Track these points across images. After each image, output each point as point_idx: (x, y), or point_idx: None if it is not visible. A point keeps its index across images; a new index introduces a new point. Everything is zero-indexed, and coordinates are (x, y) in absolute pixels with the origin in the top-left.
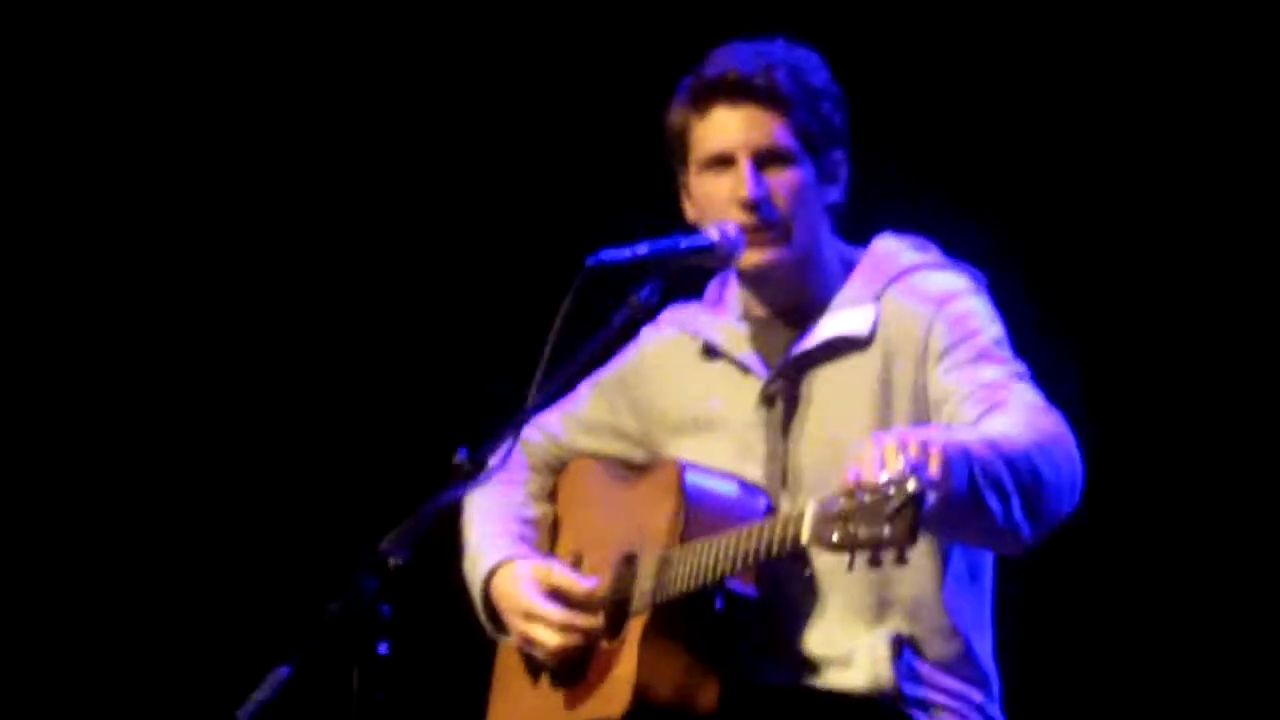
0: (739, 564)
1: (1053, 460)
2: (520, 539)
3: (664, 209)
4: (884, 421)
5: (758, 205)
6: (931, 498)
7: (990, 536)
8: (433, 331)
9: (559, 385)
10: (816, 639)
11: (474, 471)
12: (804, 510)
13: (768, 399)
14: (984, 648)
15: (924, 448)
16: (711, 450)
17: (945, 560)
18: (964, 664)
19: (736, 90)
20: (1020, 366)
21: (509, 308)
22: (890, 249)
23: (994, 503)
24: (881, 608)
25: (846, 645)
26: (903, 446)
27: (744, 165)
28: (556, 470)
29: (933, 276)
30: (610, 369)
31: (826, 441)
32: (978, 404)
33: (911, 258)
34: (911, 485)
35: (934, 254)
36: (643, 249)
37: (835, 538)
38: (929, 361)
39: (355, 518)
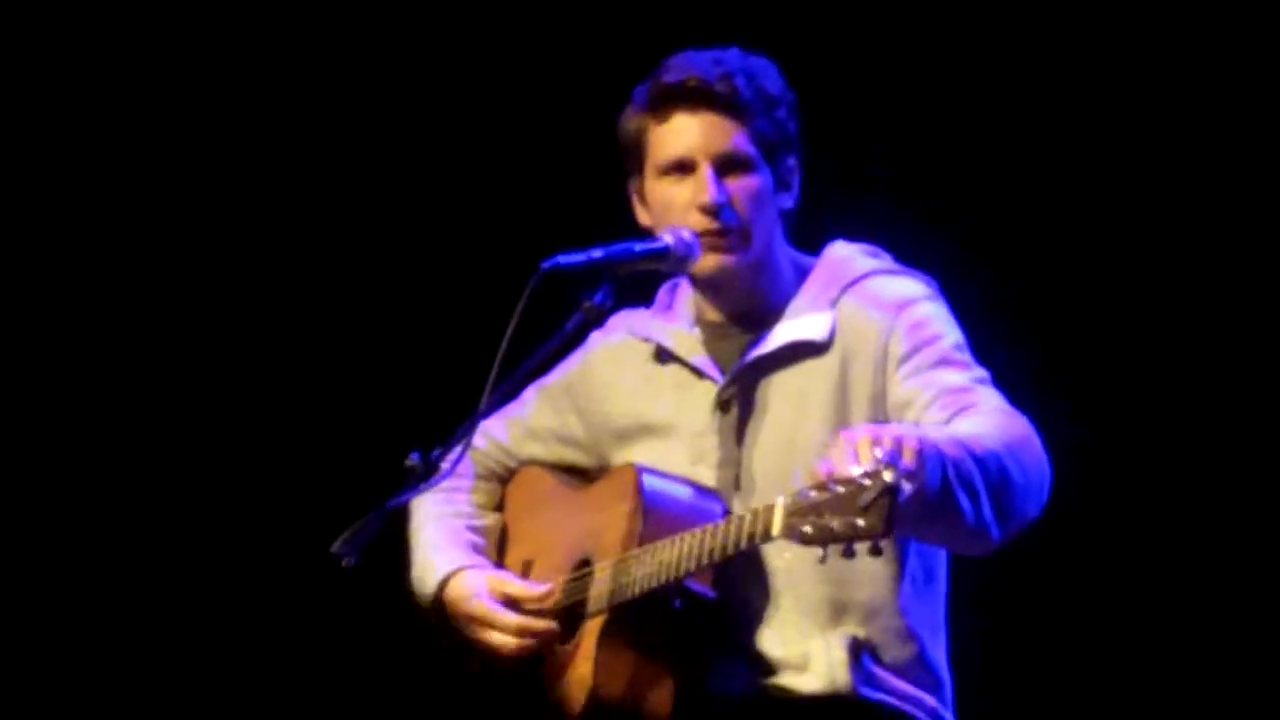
0: (703, 561)
1: (1021, 462)
2: (472, 548)
3: (617, 214)
4: (839, 426)
5: (719, 210)
6: (907, 488)
7: (959, 536)
8: (386, 334)
9: (512, 389)
10: (773, 641)
11: (426, 474)
12: (775, 503)
13: (722, 404)
14: (938, 651)
15: (897, 441)
16: (663, 456)
17: (901, 563)
18: (918, 667)
19: (697, 96)
20: (982, 371)
21: (463, 311)
22: (844, 255)
23: (965, 502)
24: (837, 610)
25: (803, 647)
26: (876, 441)
27: (705, 171)
28: (503, 478)
29: (889, 283)
30: (557, 374)
31: (782, 447)
32: (944, 408)
33: (866, 264)
34: (888, 475)
35: (887, 260)
36: (597, 253)
37: (808, 530)
38: (889, 367)
39: (308, 520)
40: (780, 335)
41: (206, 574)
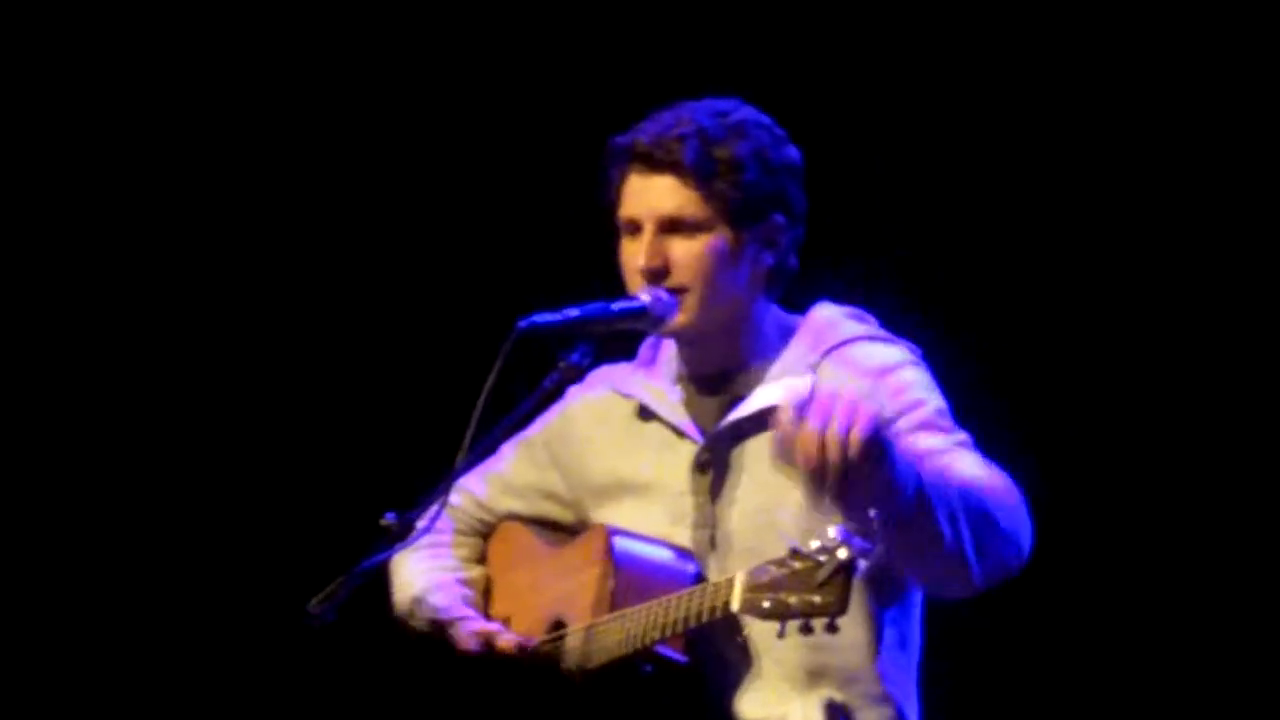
0: (668, 631)
1: (1003, 506)
2: (464, 601)
3: (598, 270)
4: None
5: (654, 273)
6: (863, 565)
7: (941, 561)
8: (363, 393)
9: (489, 448)
10: (751, 704)
11: (402, 533)
12: (734, 578)
13: (700, 465)
14: (913, 714)
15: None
16: (642, 515)
17: (879, 629)
18: None
19: (644, 159)
20: (963, 435)
21: (441, 370)
22: (828, 319)
23: (944, 522)
24: (816, 675)
25: (780, 710)
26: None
27: (647, 233)
28: (482, 533)
29: (871, 349)
30: (536, 428)
31: (759, 511)
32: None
33: (850, 329)
34: (843, 553)
35: (872, 325)
36: (574, 312)
37: (766, 605)
38: None
39: (282, 580)
40: (759, 398)
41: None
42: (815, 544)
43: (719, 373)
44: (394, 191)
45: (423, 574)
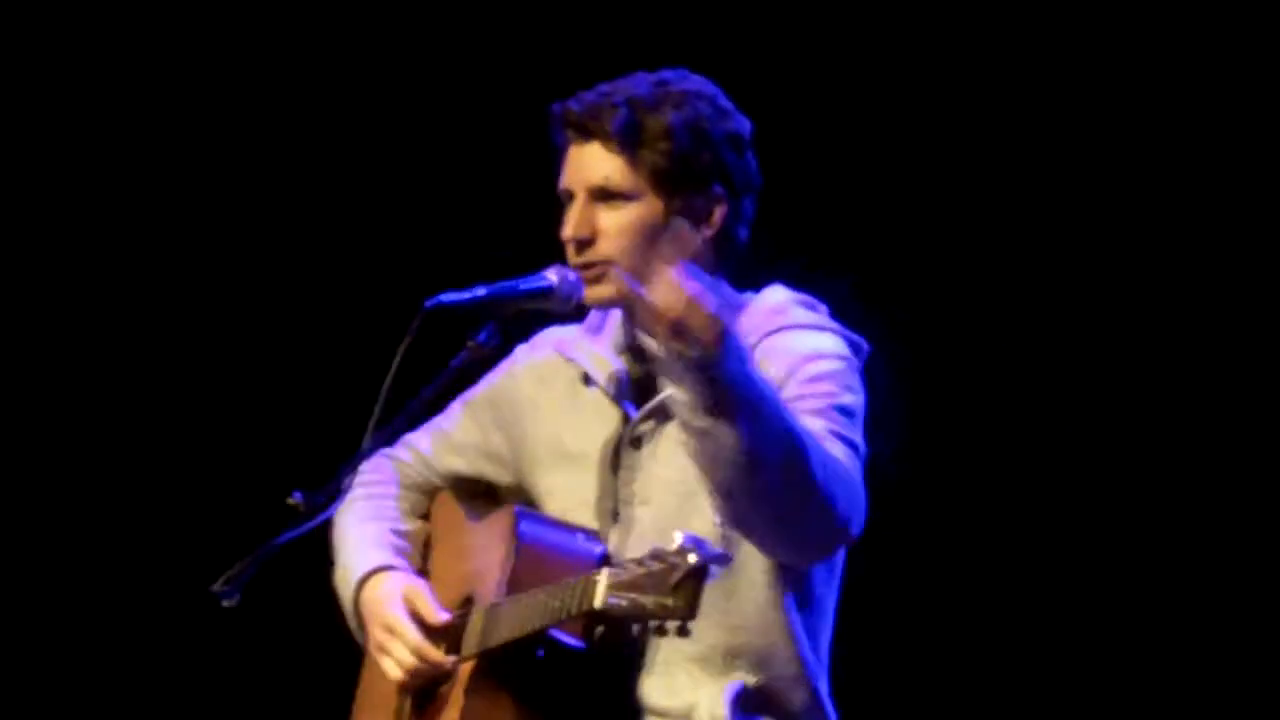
0: (549, 619)
1: (829, 472)
2: (396, 550)
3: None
4: None
5: (579, 243)
6: (716, 571)
7: (727, 461)
8: (271, 373)
9: (397, 427)
10: (659, 690)
11: (309, 514)
12: (598, 576)
13: (633, 440)
14: (825, 692)
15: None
16: (573, 483)
17: (793, 611)
18: (811, 713)
19: (575, 127)
20: (855, 437)
21: (349, 349)
22: (776, 303)
23: (745, 425)
24: (730, 658)
25: (689, 697)
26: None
27: (577, 203)
28: (428, 491)
29: (806, 337)
30: (481, 387)
31: (682, 492)
32: None
33: (794, 315)
34: (693, 558)
35: (821, 314)
36: (481, 291)
37: (625, 604)
38: None
39: (187, 560)
40: None
41: (87, 613)
42: (673, 546)
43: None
44: (304, 171)
45: (357, 523)
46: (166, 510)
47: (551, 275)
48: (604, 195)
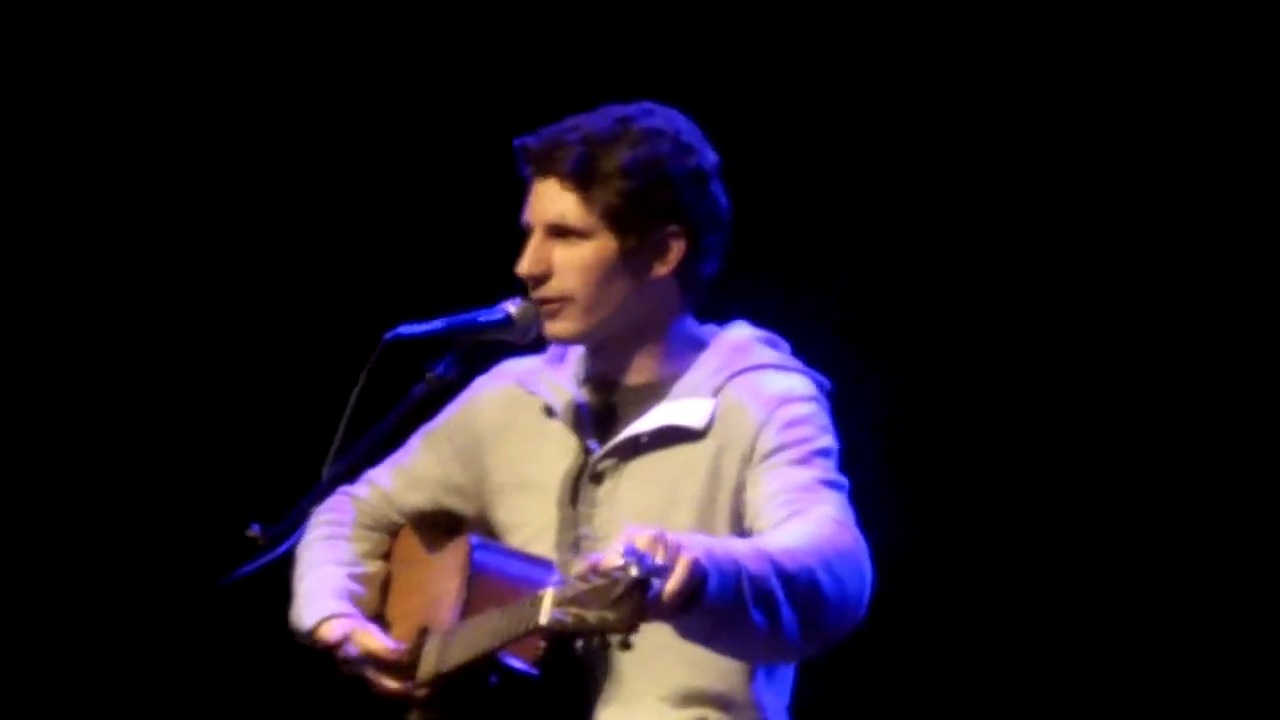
0: (499, 640)
1: (836, 575)
2: (348, 595)
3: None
4: (706, 515)
5: (532, 280)
6: (657, 584)
7: (756, 648)
8: (230, 405)
9: (355, 459)
10: None
11: (268, 546)
12: (545, 593)
13: (595, 475)
14: None
15: (656, 539)
16: (532, 516)
17: None
18: None
19: (534, 163)
20: (839, 478)
21: (309, 382)
22: (740, 341)
23: (759, 618)
24: (691, 697)
25: None
26: (652, 541)
27: (533, 238)
28: (390, 529)
29: (775, 378)
30: (441, 420)
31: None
32: (781, 508)
33: (760, 355)
34: (634, 571)
35: (784, 353)
36: (440, 323)
37: (569, 620)
38: (753, 461)
39: (150, 593)
40: (660, 415)
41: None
42: (615, 560)
43: (621, 382)
44: (263, 203)
45: (312, 567)
46: (123, 541)
47: (510, 307)
48: (559, 232)
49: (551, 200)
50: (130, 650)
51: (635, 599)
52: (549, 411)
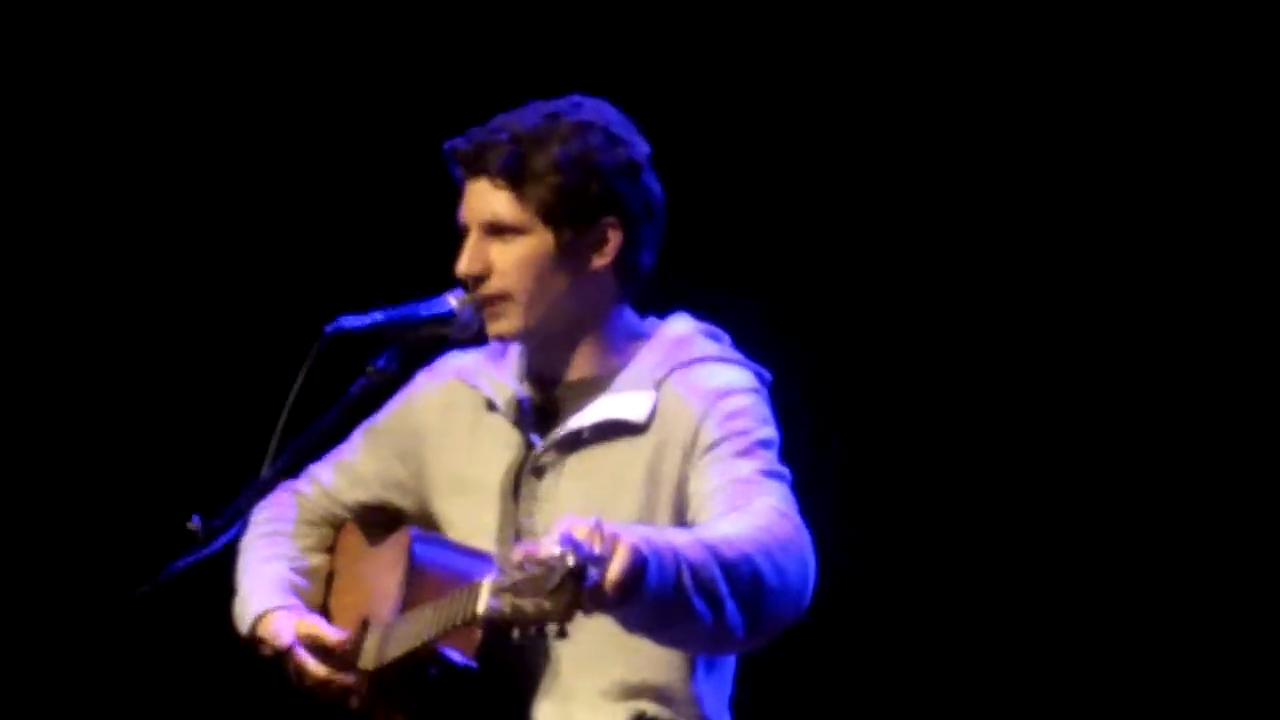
0: (437, 630)
1: (778, 565)
2: (291, 589)
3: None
4: (648, 509)
5: (470, 279)
6: (594, 573)
7: (700, 639)
8: (170, 398)
9: (297, 453)
10: (555, 716)
11: (209, 538)
12: (482, 583)
13: (536, 470)
14: None
15: (594, 529)
16: (474, 513)
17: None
18: None
19: (465, 164)
20: (780, 468)
21: (249, 374)
22: (681, 334)
23: (701, 607)
24: (630, 691)
25: None
26: (590, 530)
27: (470, 238)
28: (333, 523)
29: (716, 370)
30: (382, 415)
31: None
32: (722, 501)
33: (700, 347)
34: (570, 560)
35: (723, 346)
36: (380, 316)
37: (506, 610)
38: (695, 454)
39: (86, 585)
40: (600, 409)
41: None
42: (552, 550)
43: (562, 377)
44: (206, 194)
45: (255, 563)
46: (63, 532)
47: (452, 300)
48: (495, 230)
49: (485, 199)
50: (67, 644)
51: (571, 587)
52: (490, 406)
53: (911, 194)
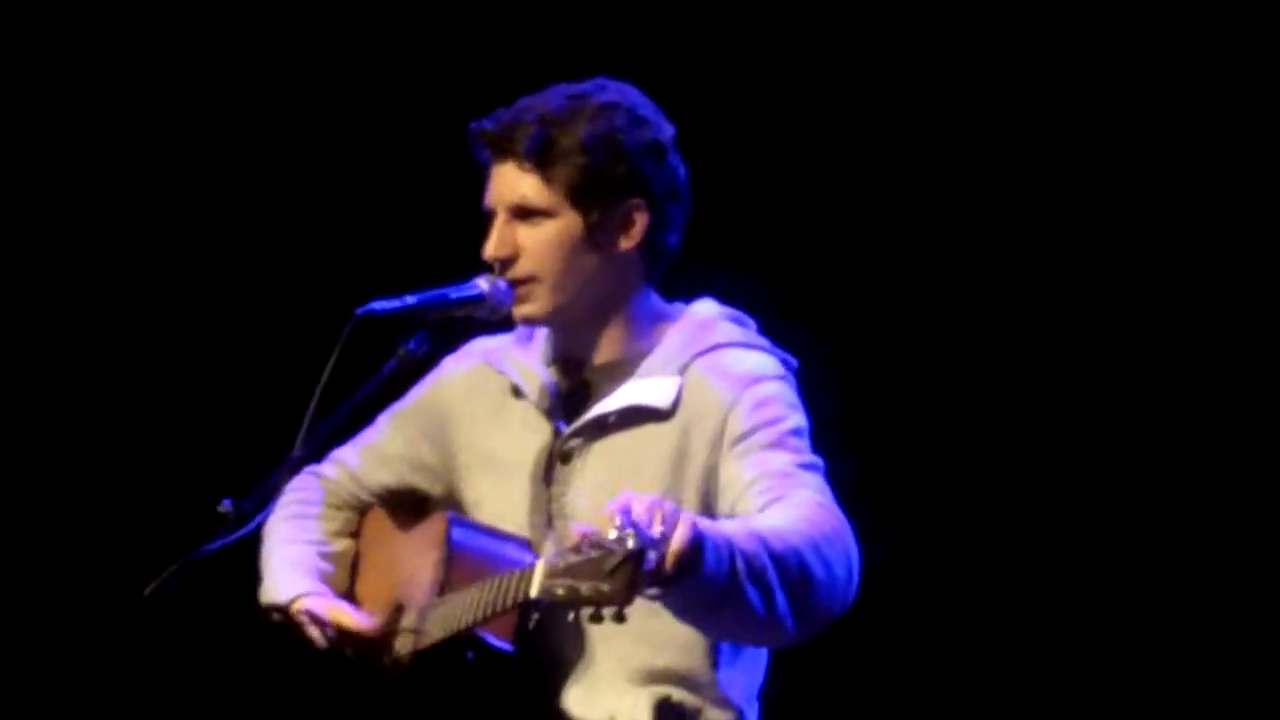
0: (481, 614)
1: (825, 558)
2: (319, 574)
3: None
4: (674, 494)
5: (500, 263)
6: (653, 556)
7: (751, 629)
8: (203, 380)
9: (327, 435)
10: (583, 701)
11: (239, 521)
12: (536, 564)
13: (563, 454)
14: (752, 716)
15: (653, 507)
16: (501, 495)
17: None
18: None
19: (491, 146)
20: (814, 459)
21: (281, 356)
22: (706, 318)
23: (754, 595)
24: (655, 676)
25: (610, 707)
26: (649, 507)
27: (498, 221)
28: (357, 508)
29: (743, 356)
30: (409, 399)
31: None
32: (761, 494)
33: (726, 332)
34: (631, 542)
35: (750, 331)
36: (411, 299)
37: (561, 592)
38: (724, 444)
39: (119, 567)
40: (625, 394)
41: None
42: (610, 532)
43: (588, 361)
44: (236, 177)
45: (281, 545)
46: (97, 515)
47: (482, 283)
48: (522, 213)
49: (512, 182)
50: (99, 627)
51: (630, 570)
52: (517, 392)
53: (932, 192)
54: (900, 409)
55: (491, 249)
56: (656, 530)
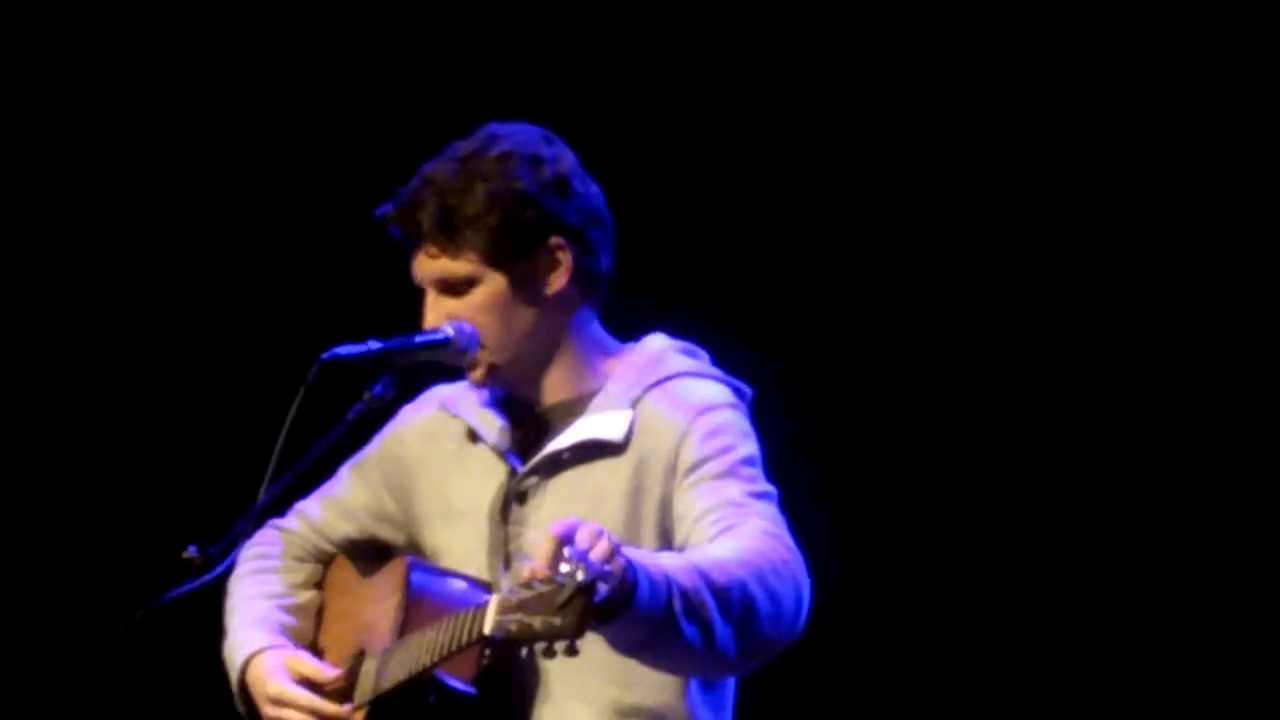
0: (438, 654)
1: (770, 589)
2: (280, 628)
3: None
4: (632, 526)
5: None
6: (603, 589)
7: (691, 663)
8: (167, 427)
9: (292, 481)
10: None
11: (205, 567)
12: (489, 601)
13: (519, 495)
14: None
15: (597, 535)
16: (462, 541)
17: None
18: None
19: (400, 230)
20: (767, 487)
21: (245, 402)
22: (656, 352)
23: (690, 631)
24: (623, 711)
25: None
26: (594, 535)
27: (428, 298)
28: (321, 559)
29: (695, 386)
30: (369, 449)
31: None
32: (712, 525)
33: (677, 363)
34: (580, 575)
35: (701, 362)
36: (377, 344)
37: (514, 628)
38: (677, 474)
39: (82, 614)
40: (578, 431)
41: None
42: (563, 565)
43: (540, 401)
44: (202, 222)
45: (243, 603)
46: (60, 560)
47: (448, 328)
48: (447, 287)
49: (429, 262)
50: (62, 671)
51: (581, 604)
52: (474, 436)
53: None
54: (859, 431)
55: (428, 325)
56: (598, 556)
